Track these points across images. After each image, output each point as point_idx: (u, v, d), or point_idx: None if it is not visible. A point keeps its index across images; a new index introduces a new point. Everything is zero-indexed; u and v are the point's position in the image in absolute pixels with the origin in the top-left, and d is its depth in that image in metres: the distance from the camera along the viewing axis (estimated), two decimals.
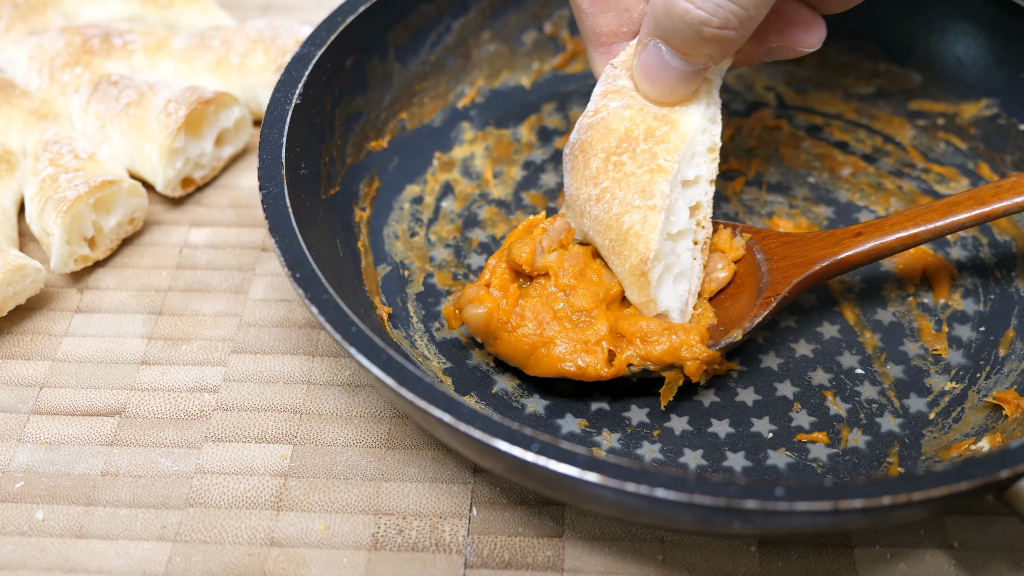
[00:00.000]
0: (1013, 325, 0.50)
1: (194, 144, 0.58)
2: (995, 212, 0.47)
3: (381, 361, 0.38)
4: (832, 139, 0.60)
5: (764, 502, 0.33)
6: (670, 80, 0.44)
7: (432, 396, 0.37)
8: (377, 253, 0.52)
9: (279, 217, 0.43)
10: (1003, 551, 0.43)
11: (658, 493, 0.34)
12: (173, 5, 0.67)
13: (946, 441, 0.46)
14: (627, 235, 0.44)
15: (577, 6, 0.47)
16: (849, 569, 0.42)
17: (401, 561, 0.43)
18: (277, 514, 0.44)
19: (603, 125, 0.45)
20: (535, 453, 0.35)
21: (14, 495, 0.45)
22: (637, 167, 0.44)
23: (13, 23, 0.63)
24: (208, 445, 0.47)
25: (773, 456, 0.45)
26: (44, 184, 0.54)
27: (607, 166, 0.44)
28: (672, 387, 0.46)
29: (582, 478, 0.34)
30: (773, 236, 0.50)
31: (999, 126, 0.56)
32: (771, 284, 0.48)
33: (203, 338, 0.52)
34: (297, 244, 0.42)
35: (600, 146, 0.45)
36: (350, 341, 0.38)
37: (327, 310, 0.40)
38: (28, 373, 0.50)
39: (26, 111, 0.58)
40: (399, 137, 0.56)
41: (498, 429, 0.36)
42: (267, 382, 0.50)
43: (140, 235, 0.57)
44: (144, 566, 0.42)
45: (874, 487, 0.34)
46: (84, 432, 0.47)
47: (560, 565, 0.42)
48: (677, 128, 0.45)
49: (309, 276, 0.41)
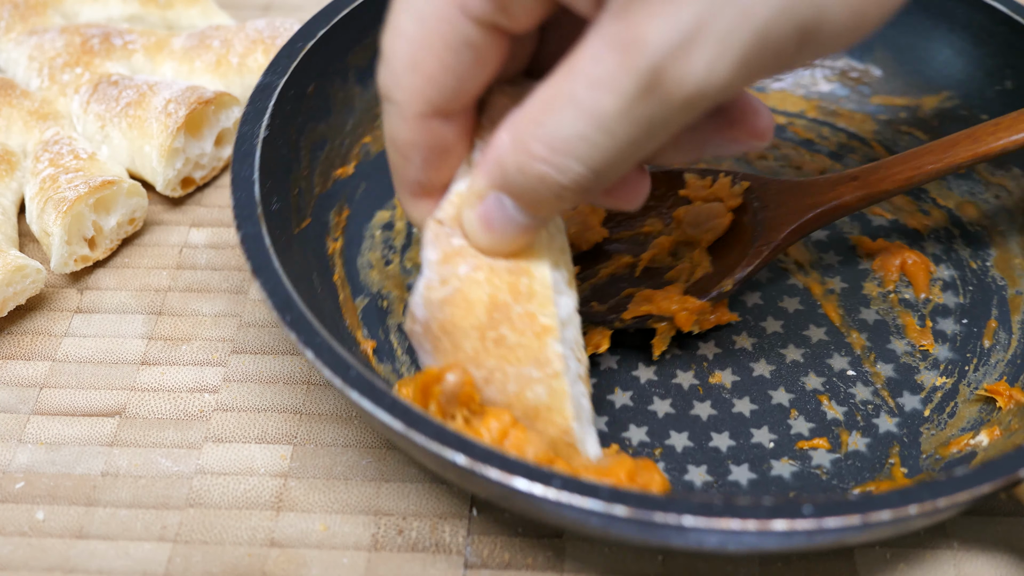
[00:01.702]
0: (994, 315, 0.51)
1: (194, 144, 0.58)
2: (993, 151, 0.46)
3: (386, 404, 0.36)
4: (797, 138, 0.60)
5: (793, 522, 0.33)
6: (515, 234, 0.38)
7: (443, 436, 0.35)
8: (354, 285, 0.51)
9: (261, 259, 0.41)
10: (1003, 551, 0.43)
11: (686, 521, 0.33)
12: (173, 5, 0.67)
13: (944, 437, 0.46)
14: (536, 411, 0.39)
15: (404, 159, 0.39)
16: (849, 569, 0.42)
17: (401, 561, 0.43)
18: (277, 514, 0.44)
19: (461, 298, 0.39)
20: (557, 489, 0.33)
21: (14, 495, 0.45)
22: (520, 336, 0.38)
23: (13, 23, 0.63)
24: (208, 445, 0.47)
25: (777, 466, 0.45)
26: (44, 184, 0.54)
27: (486, 344, 0.38)
28: (665, 338, 0.47)
29: (609, 512, 0.33)
30: (772, 184, 0.50)
31: (961, 117, 0.56)
32: (765, 233, 0.48)
33: (203, 338, 0.52)
34: (283, 287, 0.40)
35: (467, 323, 0.39)
36: (351, 384, 0.37)
37: (323, 353, 0.38)
38: (28, 373, 0.50)
39: (26, 111, 0.58)
40: (364, 162, 0.54)
41: (515, 466, 0.34)
42: (267, 382, 0.50)
43: (140, 235, 0.57)
44: (144, 566, 0.42)
45: (900, 497, 0.34)
46: (84, 432, 0.47)
47: (560, 565, 0.42)
48: (534, 276, 0.39)
49: (299, 319, 0.39)
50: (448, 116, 0.38)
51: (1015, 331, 0.50)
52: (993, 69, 0.55)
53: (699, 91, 0.31)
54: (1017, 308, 0.51)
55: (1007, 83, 0.54)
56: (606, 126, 0.32)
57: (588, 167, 0.33)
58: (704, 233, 0.50)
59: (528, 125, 0.34)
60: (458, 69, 0.36)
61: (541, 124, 0.33)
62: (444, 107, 0.37)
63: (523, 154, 0.34)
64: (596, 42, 0.32)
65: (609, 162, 0.33)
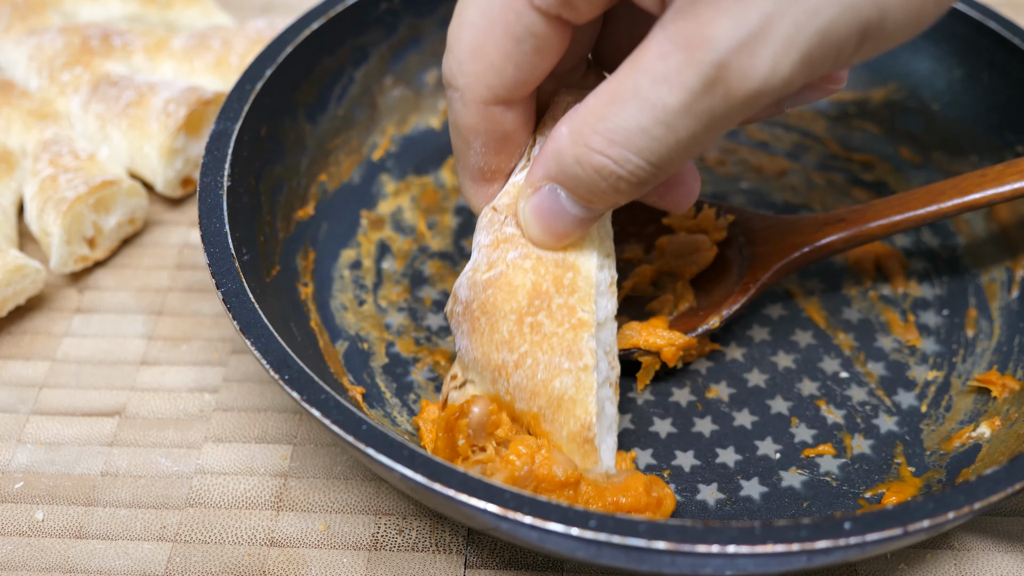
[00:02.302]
0: (973, 304, 0.51)
1: (194, 144, 0.58)
2: (979, 202, 0.47)
3: (404, 458, 0.35)
4: (752, 141, 0.60)
5: (835, 540, 0.33)
6: (567, 226, 0.39)
7: (469, 487, 0.34)
8: (331, 330, 0.49)
9: (248, 316, 0.40)
10: (1003, 551, 0.43)
11: (730, 550, 0.32)
12: (173, 5, 0.67)
13: (945, 432, 0.46)
14: (560, 401, 0.39)
15: (466, 144, 0.40)
16: (849, 569, 0.42)
17: (401, 561, 0.43)
18: (277, 514, 0.44)
19: (504, 281, 0.39)
20: (593, 531, 0.33)
21: (14, 495, 0.45)
22: (557, 326, 0.39)
23: (12, 23, 0.63)
24: (208, 445, 0.47)
25: (787, 477, 0.45)
26: (44, 184, 0.54)
27: (522, 328, 0.39)
28: (649, 371, 0.47)
29: (650, 547, 0.33)
30: (757, 219, 0.50)
31: (912, 108, 0.56)
32: (751, 270, 0.48)
33: (203, 338, 0.52)
34: (276, 342, 0.39)
35: (508, 307, 0.39)
36: (363, 441, 0.35)
37: (330, 411, 0.37)
38: (28, 373, 0.50)
39: (26, 111, 0.58)
40: (323, 201, 0.53)
41: (551, 511, 0.33)
42: (267, 382, 0.49)
43: (140, 235, 0.57)
44: (144, 566, 0.42)
45: (936, 505, 0.34)
46: (84, 432, 0.47)
47: (561, 565, 0.42)
48: (580, 272, 0.40)
49: (299, 376, 0.38)
50: (509, 104, 0.39)
51: (995, 318, 0.50)
52: (940, 57, 0.55)
53: (762, 88, 0.32)
54: (993, 295, 0.51)
55: (955, 72, 0.55)
56: (668, 120, 0.33)
57: (647, 160, 0.34)
58: (688, 266, 0.50)
59: (589, 118, 0.35)
60: (520, 58, 0.37)
61: (602, 118, 0.34)
62: (505, 95, 0.38)
63: (582, 146, 0.35)
64: (661, 39, 0.32)
65: (668, 156, 0.34)
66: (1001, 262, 0.52)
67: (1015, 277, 0.51)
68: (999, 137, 0.53)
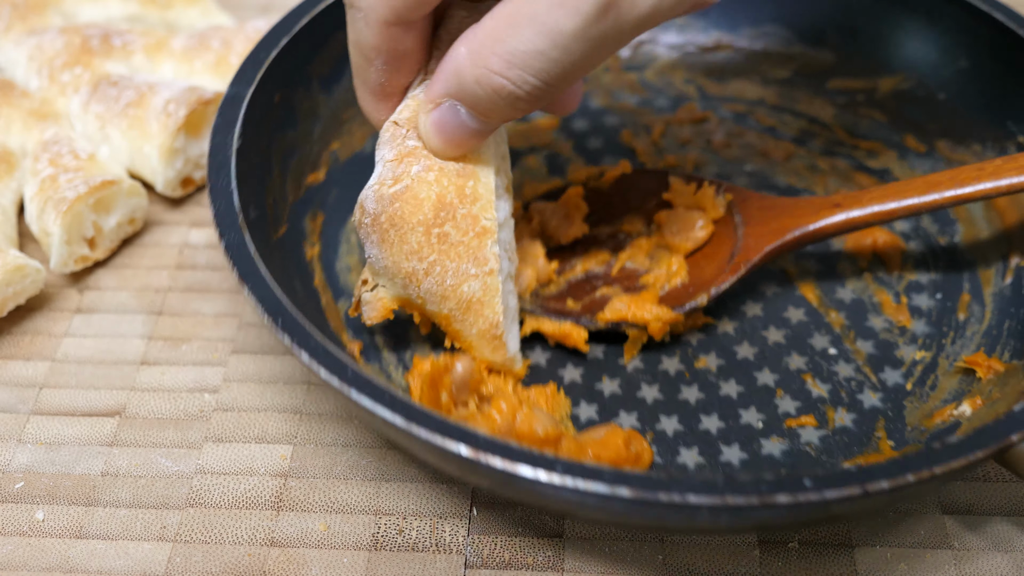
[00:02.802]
0: (967, 289, 0.51)
1: (194, 144, 0.58)
2: (975, 195, 0.47)
3: (386, 400, 0.37)
4: (760, 126, 0.61)
5: (795, 495, 0.34)
6: (466, 138, 0.41)
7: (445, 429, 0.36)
8: (335, 289, 0.51)
9: (247, 265, 0.41)
10: (1003, 552, 0.43)
11: (690, 499, 0.33)
12: (173, 5, 0.67)
13: (927, 409, 0.47)
14: (469, 303, 0.43)
15: (367, 62, 0.42)
16: (849, 569, 0.42)
17: (401, 561, 0.43)
18: (277, 514, 0.44)
19: (411, 195, 0.42)
20: (560, 474, 0.34)
21: (14, 495, 0.45)
22: (463, 235, 0.42)
23: (12, 23, 0.63)
24: (208, 445, 0.47)
25: (767, 445, 0.46)
26: (44, 184, 0.54)
27: (430, 239, 0.42)
28: (636, 343, 0.49)
29: (614, 494, 0.34)
30: (754, 199, 0.51)
31: (918, 97, 0.57)
32: (743, 249, 0.49)
33: (203, 338, 0.52)
34: (270, 291, 0.41)
35: (415, 219, 0.42)
36: (348, 383, 0.37)
37: (318, 355, 0.38)
38: (28, 373, 0.50)
39: (26, 111, 0.58)
40: (334, 168, 0.55)
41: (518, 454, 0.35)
42: (267, 382, 0.49)
43: (140, 235, 0.57)
44: (144, 566, 0.42)
45: (897, 467, 0.34)
46: (84, 432, 0.47)
47: (560, 565, 0.42)
48: (480, 180, 0.42)
49: (291, 322, 0.39)
50: (409, 24, 0.41)
51: (988, 303, 0.50)
52: (947, 48, 0.56)
53: (652, 13, 0.35)
54: (988, 281, 0.51)
55: (961, 62, 0.55)
56: (563, 44, 0.35)
57: (543, 80, 0.37)
58: (684, 241, 0.51)
59: (487, 40, 0.37)
60: None
61: (501, 40, 0.36)
62: (406, 15, 0.40)
63: (481, 67, 0.37)
64: None
65: (562, 76, 0.37)
66: (998, 251, 0.52)
67: (1010, 264, 0.51)
68: (1002, 127, 0.53)
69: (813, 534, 0.43)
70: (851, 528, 0.43)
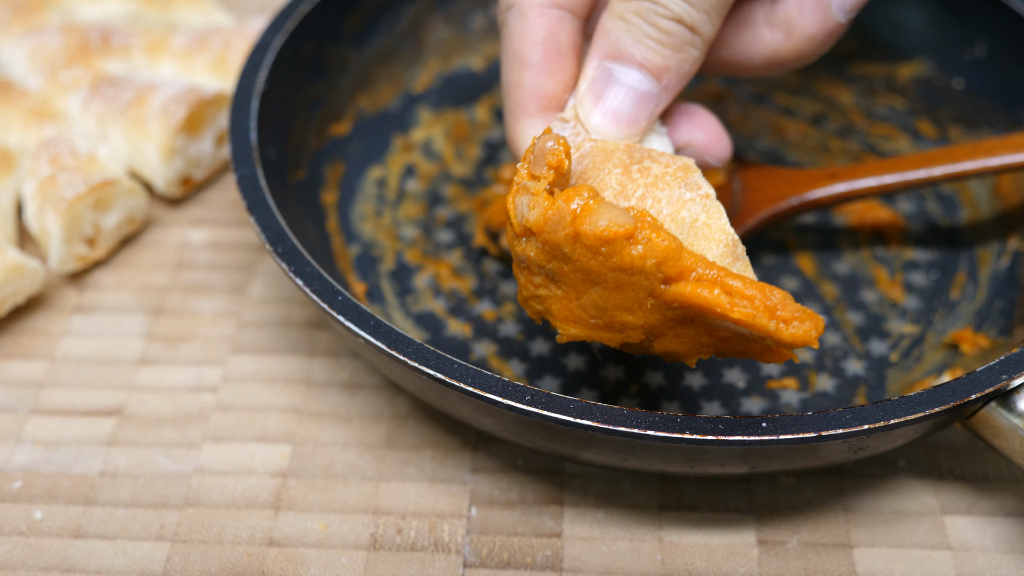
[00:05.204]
0: (963, 269, 0.52)
1: (193, 144, 0.58)
2: (969, 171, 0.48)
3: (369, 326, 0.39)
4: (777, 106, 0.61)
5: (748, 435, 0.35)
6: (633, 102, 0.39)
7: (423, 356, 0.38)
8: (347, 234, 0.54)
9: (255, 196, 0.44)
10: (1003, 552, 0.43)
11: (650, 433, 0.35)
12: (172, 5, 0.67)
13: (909, 380, 0.47)
14: (694, 228, 0.37)
15: (522, 65, 0.41)
16: (849, 570, 0.42)
17: (400, 561, 0.42)
18: (276, 514, 0.44)
19: (597, 149, 0.40)
20: (528, 404, 0.36)
21: (12, 495, 0.45)
22: (665, 168, 0.38)
23: (12, 22, 0.63)
24: (207, 445, 0.47)
25: (747, 403, 0.47)
26: (43, 184, 0.54)
27: (631, 175, 0.38)
28: None
29: (577, 423, 0.36)
30: (754, 168, 0.52)
31: (935, 85, 0.58)
32: (739, 215, 0.50)
33: (203, 338, 0.52)
34: (276, 221, 0.43)
35: (609, 164, 0.39)
36: (336, 309, 0.39)
37: (311, 281, 0.40)
38: (27, 373, 0.50)
39: (25, 111, 0.58)
40: (360, 121, 0.57)
41: (490, 383, 0.37)
42: (266, 382, 0.49)
43: (140, 235, 0.57)
44: (143, 566, 0.42)
45: (853, 416, 0.36)
46: (83, 432, 0.47)
47: (559, 565, 0.42)
48: None
49: (291, 251, 0.42)
50: (568, 10, 0.41)
51: (982, 284, 0.51)
52: (965, 36, 0.56)
53: None
54: (985, 262, 0.52)
55: (978, 49, 0.56)
56: None
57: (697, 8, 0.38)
58: None
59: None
60: None
61: None
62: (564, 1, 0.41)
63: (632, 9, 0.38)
64: None
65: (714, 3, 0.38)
66: (998, 233, 0.53)
67: (1008, 247, 0.52)
68: (1012, 115, 0.54)
69: (813, 534, 0.43)
70: (851, 528, 0.43)
